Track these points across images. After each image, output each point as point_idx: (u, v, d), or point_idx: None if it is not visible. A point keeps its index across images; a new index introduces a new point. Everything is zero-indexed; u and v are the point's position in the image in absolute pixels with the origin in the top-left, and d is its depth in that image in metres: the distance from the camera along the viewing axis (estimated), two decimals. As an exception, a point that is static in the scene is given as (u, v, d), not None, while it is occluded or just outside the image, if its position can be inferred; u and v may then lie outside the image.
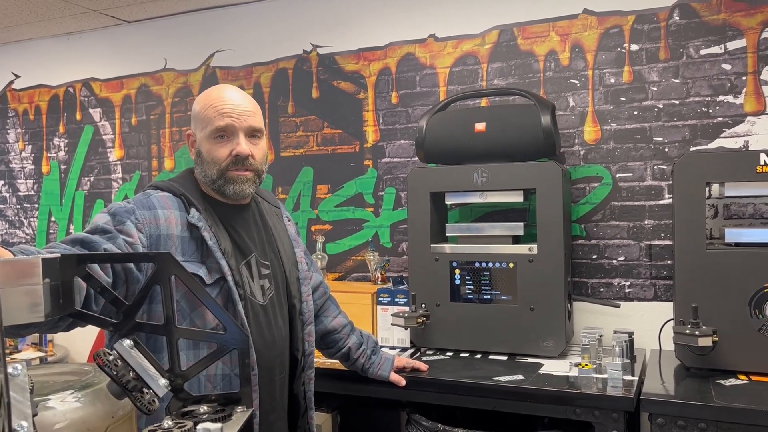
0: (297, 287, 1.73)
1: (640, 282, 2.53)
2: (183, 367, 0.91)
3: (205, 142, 1.56)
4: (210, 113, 1.56)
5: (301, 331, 1.72)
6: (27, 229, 3.90)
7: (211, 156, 1.56)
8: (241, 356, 0.91)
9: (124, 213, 1.45)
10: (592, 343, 2.15)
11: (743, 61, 2.39)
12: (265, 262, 1.67)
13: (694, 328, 1.97)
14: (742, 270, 2.01)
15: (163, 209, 1.51)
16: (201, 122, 1.58)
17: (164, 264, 0.87)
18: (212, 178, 1.57)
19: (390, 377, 2.05)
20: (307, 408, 1.75)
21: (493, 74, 2.76)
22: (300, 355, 1.72)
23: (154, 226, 1.47)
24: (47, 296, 0.85)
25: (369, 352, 2.03)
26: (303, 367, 1.73)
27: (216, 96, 1.58)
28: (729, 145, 2.40)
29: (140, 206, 1.49)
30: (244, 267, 1.60)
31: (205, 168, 1.57)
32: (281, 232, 1.77)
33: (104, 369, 0.85)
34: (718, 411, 1.75)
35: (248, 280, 1.60)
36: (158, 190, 1.57)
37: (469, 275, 2.40)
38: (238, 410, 0.88)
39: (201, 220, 1.52)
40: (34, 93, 3.87)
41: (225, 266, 1.51)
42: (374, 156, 3.00)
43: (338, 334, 1.97)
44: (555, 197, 2.26)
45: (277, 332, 1.64)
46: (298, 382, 1.72)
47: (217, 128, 1.55)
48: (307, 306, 1.75)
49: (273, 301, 1.66)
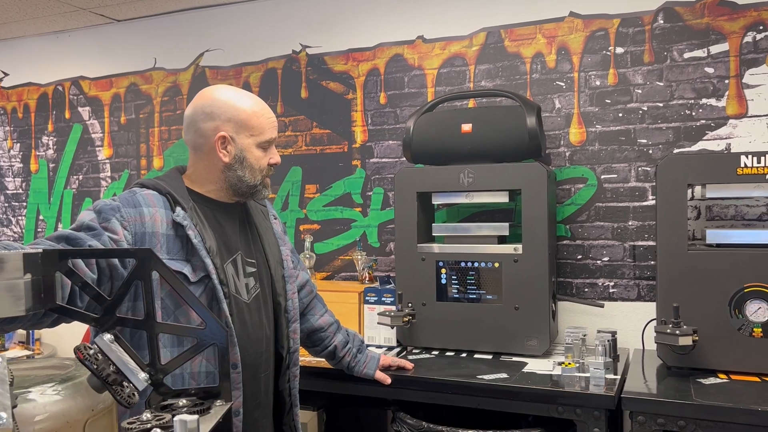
0: (282, 285, 1.75)
1: (624, 282, 2.56)
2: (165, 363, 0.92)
3: (255, 149, 1.63)
4: (264, 123, 1.64)
5: (286, 328, 1.74)
6: (15, 228, 3.89)
7: (259, 163, 1.64)
8: (220, 352, 0.93)
9: (110, 210, 1.46)
10: (576, 343, 2.18)
11: (726, 65, 2.42)
12: (250, 261, 1.68)
13: (675, 327, 1.99)
14: (723, 270, 2.04)
15: (148, 207, 1.52)
16: (249, 129, 1.62)
17: (145, 260, 0.88)
18: (254, 184, 1.64)
19: (375, 375, 2.06)
20: (292, 405, 1.77)
21: (480, 76, 2.79)
22: (285, 352, 1.73)
23: (139, 224, 1.48)
24: (28, 291, 0.86)
25: (355, 351, 2.04)
26: (288, 365, 1.74)
27: (262, 106, 1.66)
28: (712, 147, 2.43)
29: (125, 204, 1.49)
30: (230, 265, 1.61)
31: (248, 174, 1.63)
32: (267, 230, 1.79)
33: (84, 363, 0.86)
34: (697, 409, 1.78)
35: (233, 278, 1.61)
36: (144, 188, 1.58)
37: (455, 275, 2.42)
38: (217, 404, 0.89)
39: (186, 218, 1.53)
40: (23, 91, 3.86)
41: (210, 264, 1.52)
42: (362, 156, 3.02)
43: (324, 332, 1.98)
44: (540, 198, 2.28)
45: (261, 330, 1.66)
46: (283, 379, 1.74)
47: (269, 139, 1.65)
48: (293, 304, 1.76)
49: (258, 299, 1.67)
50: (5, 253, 0.86)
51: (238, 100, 1.63)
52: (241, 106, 1.62)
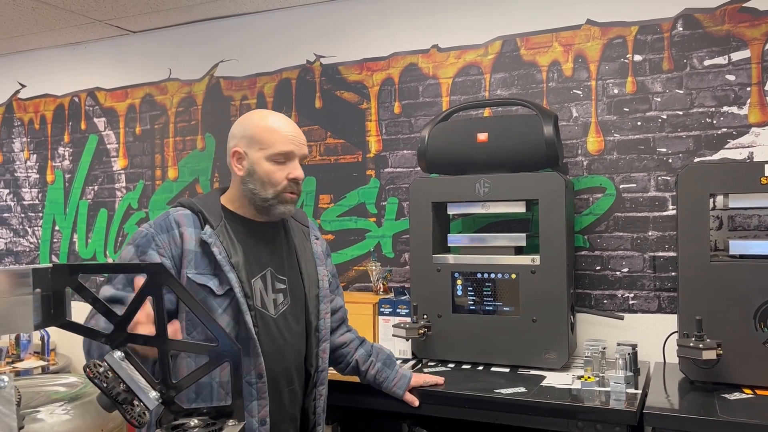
0: (315, 304, 1.80)
1: (644, 294, 2.51)
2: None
3: (264, 162, 1.66)
4: (274, 137, 1.67)
5: (316, 347, 1.79)
6: (31, 238, 3.91)
7: (269, 177, 1.66)
8: (233, 368, 0.90)
9: (146, 243, 1.59)
10: (595, 356, 2.13)
11: (747, 72, 2.37)
12: (281, 277, 1.74)
13: (698, 340, 1.94)
14: (746, 282, 1.98)
15: (178, 228, 1.62)
16: (259, 143, 1.66)
17: (156, 275, 0.86)
18: (265, 197, 1.67)
19: (404, 397, 2.02)
20: (315, 423, 1.81)
21: (495, 84, 2.76)
22: (313, 370, 1.78)
23: (174, 247, 1.60)
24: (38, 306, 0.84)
25: (380, 365, 2.00)
26: (315, 383, 1.79)
27: (277, 122, 1.69)
28: (733, 156, 2.38)
29: (159, 230, 1.61)
30: (259, 280, 1.68)
31: (258, 187, 1.67)
32: (306, 250, 1.84)
33: (94, 381, 0.84)
34: (722, 426, 1.72)
35: (261, 292, 1.68)
36: (180, 208, 1.69)
37: (471, 286, 2.38)
38: (230, 423, 0.87)
39: (212, 236, 1.61)
40: (40, 102, 3.89)
41: (234, 279, 1.60)
42: (377, 166, 3.00)
43: (345, 348, 1.99)
44: (558, 208, 2.24)
45: (286, 345, 1.71)
46: (310, 397, 1.79)
47: (281, 152, 1.66)
48: (324, 323, 1.81)
49: (286, 315, 1.73)
50: (15, 268, 0.84)
51: (258, 118, 1.71)
52: (256, 122, 1.70)
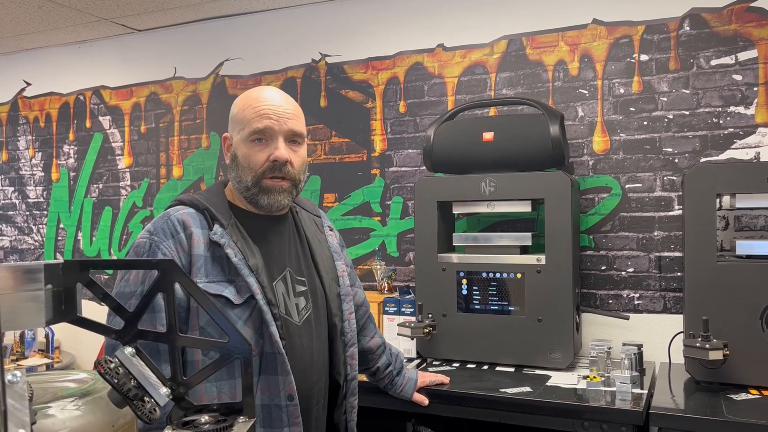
0: (338, 304, 1.58)
1: (650, 294, 2.50)
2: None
3: (242, 145, 1.45)
4: (248, 114, 1.44)
5: (343, 353, 1.57)
6: (36, 236, 3.92)
7: (247, 161, 1.44)
8: (243, 365, 0.90)
9: (152, 257, 1.37)
10: (601, 356, 2.12)
11: (754, 72, 2.37)
12: (300, 279, 1.53)
13: (705, 341, 1.94)
14: (753, 283, 1.98)
15: (184, 230, 1.41)
16: (238, 124, 1.46)
17: (167, 272, 0.86)
18: (246, 186, 1.46)
19: (413, 398, 2.00)
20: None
21: (501, 84, 2.76)
22: (342, 380, 1.57)
23: (182, 253, 1.39)
24: (49, 302, 0.84)
25: (395, 374, 1.96)
26: (345, 394, 1.58)
27: (255, 96, 1.47)
28: (740, 156, 2.38)
29: (163, 236, 1.40)
30: (280, 283, 1.47)
31: (240, 173, 1.46)
32: (321, 243, 1.62)
33: (105, 377, 0.84)
34: (729, 426, 1.72)
35: (284, 297, 1.47)
36: (181, 206, 1.48)
37: (476, 285, 2.38)
38: (240, 420, 0.86)
39: (224, 236, 1.40)
40: (45, 101, 3.90)
41: (254, 284, 1.39)
42: (382, 165, 3.00)
43: (372, 355, 1.86)
44: (563, 207, 2.24)
45: (314, 356, 1.50)
46: (339, 411, 1.58)
47: (254, 130, 1.43)
48: (350, 325, 1.59)
49: (310, 321, 1.51)
50: (26, 264, 0.84)
51: (242, 96, 1.51)
52: (237, 103, 1.50)
